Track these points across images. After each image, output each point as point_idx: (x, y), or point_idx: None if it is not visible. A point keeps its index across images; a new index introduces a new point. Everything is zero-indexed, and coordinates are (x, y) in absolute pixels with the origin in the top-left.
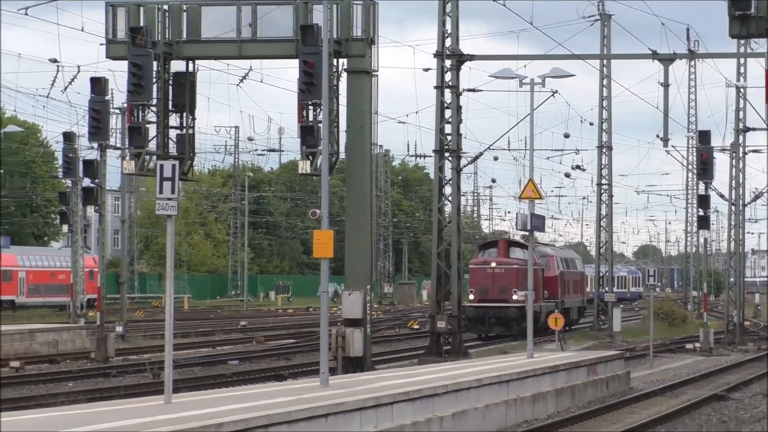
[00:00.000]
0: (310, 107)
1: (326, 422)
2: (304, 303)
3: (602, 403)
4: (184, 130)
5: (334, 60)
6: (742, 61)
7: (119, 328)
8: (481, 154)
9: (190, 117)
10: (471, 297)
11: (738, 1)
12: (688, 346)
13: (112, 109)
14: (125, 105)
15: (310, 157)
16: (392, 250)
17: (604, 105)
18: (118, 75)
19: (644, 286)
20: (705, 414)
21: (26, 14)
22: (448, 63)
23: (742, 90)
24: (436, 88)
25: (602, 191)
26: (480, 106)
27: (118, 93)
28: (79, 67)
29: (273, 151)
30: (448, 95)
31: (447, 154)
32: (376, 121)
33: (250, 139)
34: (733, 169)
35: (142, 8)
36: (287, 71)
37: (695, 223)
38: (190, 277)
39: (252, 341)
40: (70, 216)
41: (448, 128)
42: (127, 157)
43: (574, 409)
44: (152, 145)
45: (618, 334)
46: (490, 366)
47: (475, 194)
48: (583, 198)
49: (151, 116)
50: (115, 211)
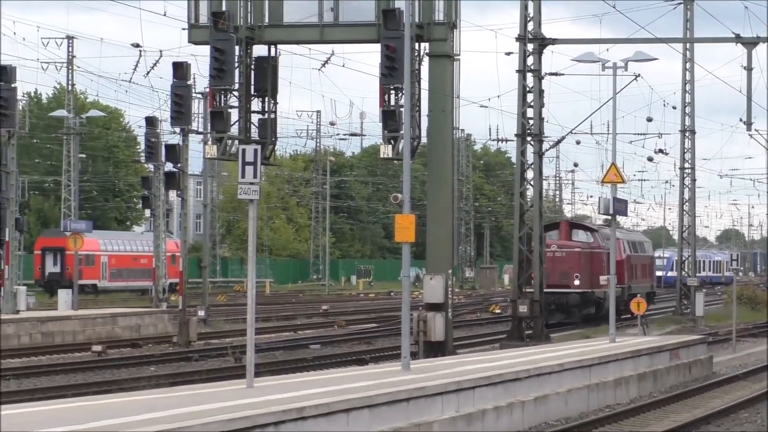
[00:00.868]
0: (392, 91)
1: (408, 406)
2: (386, 287)
3: (684, 387)
4: (266, 115)
5: (416, 44)
6: None
7: (201, 312)
8: (563, 138)
9: (272, 101)
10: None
11: None
12: None
13: (194, 94)
14: (207, 90)
15: (392, 142)
16: (474, 235)
17: (687, 89)
18: (200, 60)
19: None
20: None
21: None
22: (530, 47)
23: None
24: (518, 72)
25: (685, 175)
26: (562, 90)
27: (200, 78)
28: (161, 51)
29: (355, 135)
30: (530, 79)
31: (529, 139)
32: (458, 105)
33: (332, 124)
34: None
35: None
36: (369, 55)
37: None
38: (271, 262)
39: (333, 325)
40: (153, 200)
41: (530, 112)
42: (209, 142)
43: (656, 394)
44: (234, 130)
45: (701, 318)
46: (571, 350)
47: (557, 178)
48: (666, 182)
49: (233, 101)
50: (197, 196)
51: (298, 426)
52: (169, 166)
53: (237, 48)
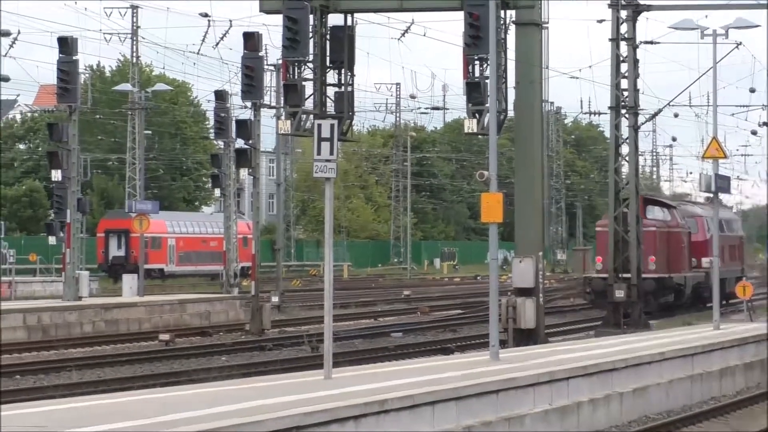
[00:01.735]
0: (477, 62)
1: (497, 399)
2: (471, 271)
3: None
4: (343, 88)
5: (502, 11)
6: None
7: (275, 298)
8: (660, 111)
9: (349, 73)
10: (598, 266)
11: None
12: None
13: (266, 66)
14: (280, 61)
15: (477, 115)
16: (565, 214)
17: None
18: (272, 30)
19: None
20: None
21: None
22: (623, 14)
23: None
24: (611, 40)
25: None
26: (658, 60)
27: (273, 49)
28: (231, 21)
29: (437, 109)
30: (624, 48)
31: (623, 111)
32: (547, 76)
33: (413, 97)
34: None
35: None
36: (452, 24)
37: None
38: (349, 244)
39: (416, 312)
40: (223, 179)
41: (624, 83)
42: (283, 117)
43: (764, 385)
44: (309, 104)
45: None
46: (672, 338)
47: (654, 154)
48: None
49: (308, 73)
50: (270, 174)
51: (380, 420)
52: (240, 143)
53: (311, 17)
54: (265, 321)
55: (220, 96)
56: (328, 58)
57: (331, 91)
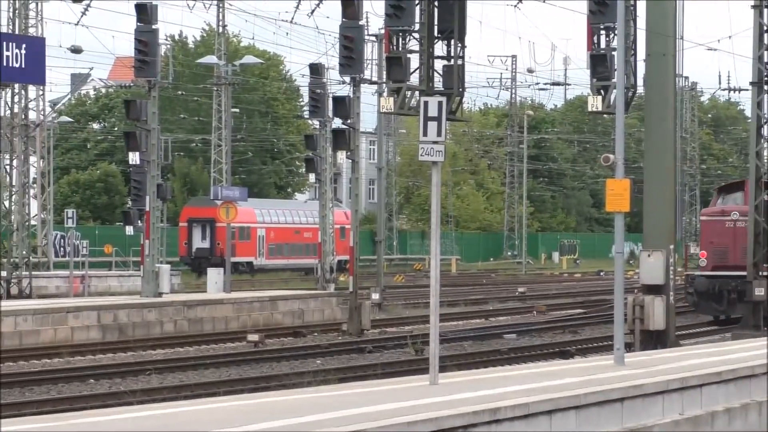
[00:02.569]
0: (602, 32)
1: (622, 407)
2: (594, 266)
3: None
4: (452, 61)
5: None
6: None
7: (375, 296)
8: None
9: (459, 45)
10: (702, 262)
11: None
12: None
13: (366, 37)
14: (382, 31)
15: (602, 92)
16: (700, 203)
17: None
18: None
19: None
20: None
21: None
22: None
23: None
24: (753, 7)
25: None
26: None
27: (374, 17)
28: None
29: (557, 84)
30: None
31: (767, 88)
32: (681, 47)
33: (530, 71)
34: None
35: None
36: None
37: None
38: (458, 235)
39: (532, 311)
40: (318, 163)
41: None
42: (385, 93)
43: None
44: (414, 79)
45: None
46: None
47: None
48: None
49: (413, 44)
50: (371, 158)
51: (492, 429)
52: (338, 123)
53: None
54: (365, 320)
55: (316, 70)
56: (435, 28)
57: (439, 65)
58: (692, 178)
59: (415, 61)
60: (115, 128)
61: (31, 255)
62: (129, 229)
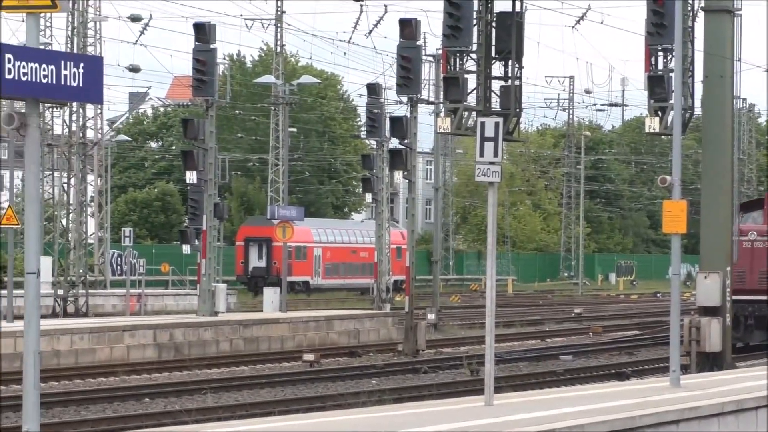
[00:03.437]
0: (660, 53)
1: (677, 429)
2: (651, 287)
3: None
4: (509, 81)
5: None
6: None
7: (431, 316)
8: None
9: (517, 65)
10: None
11: None
12: None
13: (424, 57)
14: (440, 51)
15: (659, 113)
16: None
17: None
18: (431, 16)
19: None
20: None
21: None
22: None
23: None
24: None
25: None
26: None
27: (432, 37)
28: (386, 6)
29: (615, 105)
30: None
31: None
32: (739, 69)
33: (588, 92)
34: None
35: None
36: (633, 10)
37: None
38: (515, 256)
39: (588, 332)
40: (375, 183)
41: None
42: (442, 114)
43: None
44: (471, 99)
45: None
46: None
47: None
48: None
49: (471, 65)
50: (427, 178)
51: None
52: (395, 143)
53: (475, 2)
54: (420, 341)
55: (373, 90)
56: (493, 48)
57: (496, 85)
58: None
59: (472, 82)
60: (173, 147)
61: (88, 273)
62: (186, 248)
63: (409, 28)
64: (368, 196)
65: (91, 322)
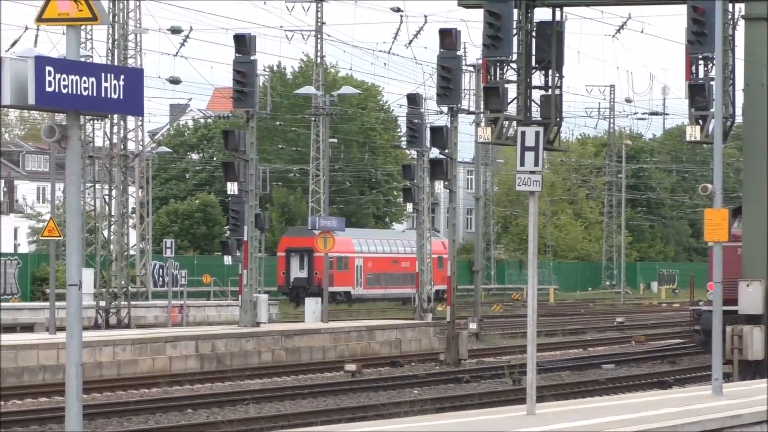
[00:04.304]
0: (701, 62)
1: None
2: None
3: None
4: (550, 90)
5: (730, 5)
6: None
7: (473, 325)
8: None
9: (557, 74)
10: (710, 295)
11: None
12: None
13: (464, 67)
14: (480, 61)
15: (700, 122)
16: None
17: None
18: (471, 26)
19: None
20: None
21: None
22: None
23: None
24: None
25: None
26: None
27: (472, 47)
28: (425, 17)
29: (655, 114)
30: None
31: None
32: None
33: (628, 101)
34: None
35: None
36: (673, 19)
37: None
38: (556, 265)
39: (630, 341)
40: (415, 193)
41: None
42: (483, 123)
43: None
44: (512, 109)
45: None
46: None
47: None
48: None
49: (511, 74)
50: (468, 187)
51: None
52: (435, 153)
53: (515, 11)
54: (462, 350)
55: (414, 100)
56: (533, 58)
57: (536, 95)
58: None
59: (512, 91)
60: (214, 158)
61: (130, 285)
62: (227, 259)
63: (449, 38)
64: (409, 206)
65: (133, 334)
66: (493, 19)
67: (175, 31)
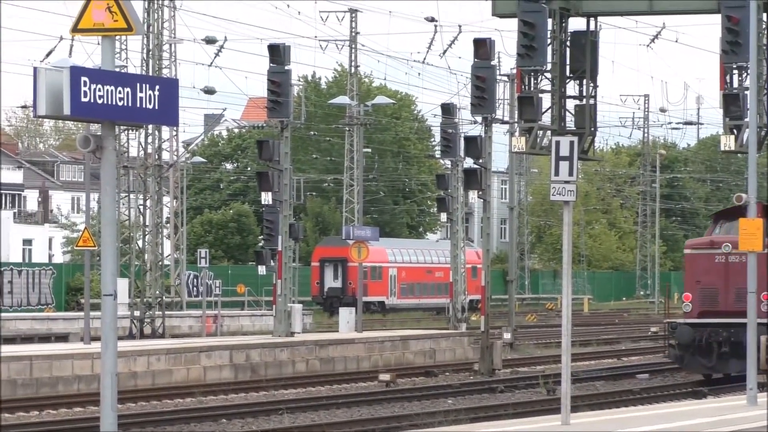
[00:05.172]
0: (735, 71)
1: None
2: None
3: None
4: (584, 100)
5: (764, 14)
6: None
7: (507, 335)
8: None
9: (591, 84)
10: (686, 307)
11: None
12: None
13: (498, 76)
14: (514, 71)
15: (735, 131)
16: None
17: None
18: (506, 36)
19: None
20: None
21: None
22: None
23: None
24: None
25: None
26: None
27: (506, 57)
28: (460, 26)
29: (690, 123)
30: None
31: None
32: None
33: (663, 110)
34: None
35: None
36: (707, 28)
37: None
38: (590, 275)
39: (664, 351)
40: (450, 203)
41: None
42: (517, 133)
43: None
44: (546, 118)
45: None
46: None
47: None
48: None
49: (545, 84)
50: (502, 197)
51: None
52: (469, 162)
53: (550, 21)
54: (496, 360)
55: (448, 110)
56: (567, 67)
57: (570, 104)
58: None
59: (546, 101)
60: (248, 168)
61: (165, 294)
62: (261, 269)
63: (483, 48)
64: (443, 216)
65: (168, 344)
66: (528, 28)
67: (210, 41)
